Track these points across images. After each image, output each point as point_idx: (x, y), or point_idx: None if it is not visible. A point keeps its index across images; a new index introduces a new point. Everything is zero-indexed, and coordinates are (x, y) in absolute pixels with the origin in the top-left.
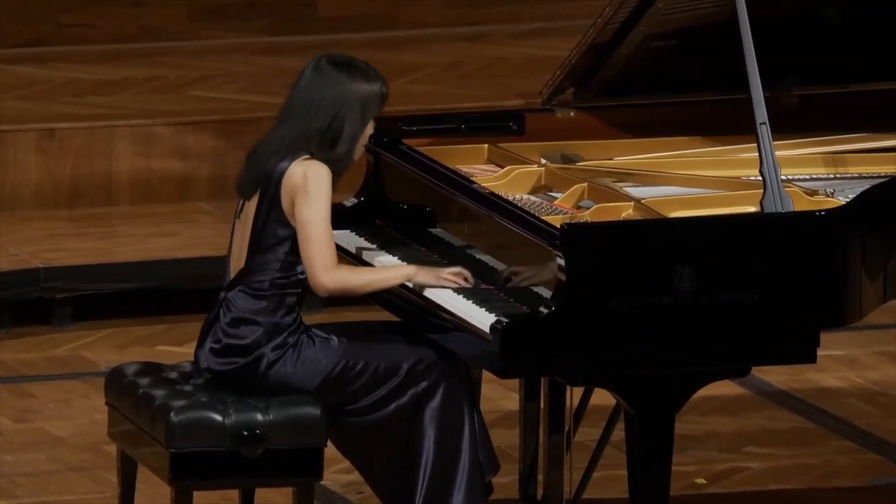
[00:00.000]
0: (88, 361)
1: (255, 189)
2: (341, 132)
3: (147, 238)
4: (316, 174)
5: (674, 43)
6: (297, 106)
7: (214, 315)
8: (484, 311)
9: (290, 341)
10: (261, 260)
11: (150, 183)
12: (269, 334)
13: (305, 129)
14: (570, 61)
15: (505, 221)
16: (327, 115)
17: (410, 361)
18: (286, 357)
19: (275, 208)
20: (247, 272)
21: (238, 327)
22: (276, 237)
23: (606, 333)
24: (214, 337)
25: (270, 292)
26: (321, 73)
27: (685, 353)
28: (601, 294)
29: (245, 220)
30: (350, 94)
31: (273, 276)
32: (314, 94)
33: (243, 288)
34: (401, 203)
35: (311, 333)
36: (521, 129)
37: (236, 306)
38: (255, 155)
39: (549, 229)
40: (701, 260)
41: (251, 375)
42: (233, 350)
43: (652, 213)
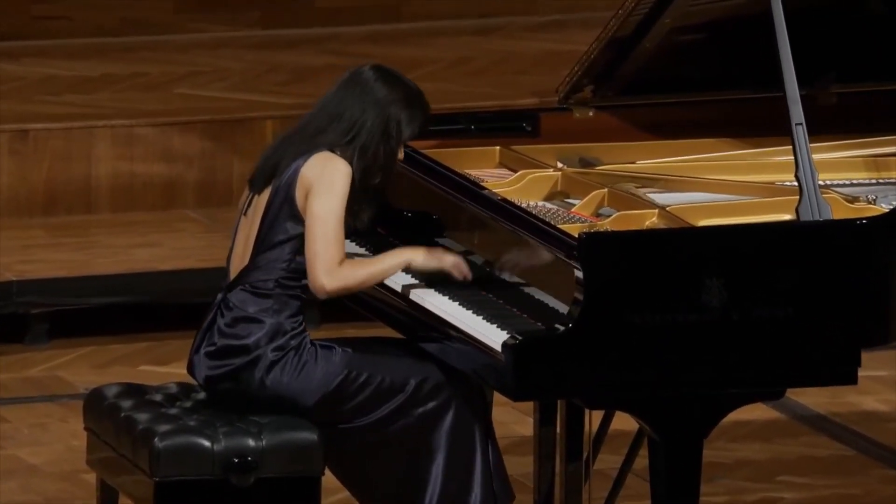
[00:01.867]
0: (65, 382)
1: (267, 182)
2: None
3: (129, 249)
4: (335, 169)
5: (702, 36)
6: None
7: (211, 318)
8: (495, 327)
9: (293, 344)
10: (267, 258)
11: (132, 189)
12: (271, 334)
13: (325, 127)
14: (589, 56)
15: (518, 231)
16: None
17: (418, 378)
18: (286, 360)
19: (287, 202)
20: (251, 270)
21: (237, 326)
22: (286, 234)
23: (628, 352)
24: (209, 340)
25: (275, 292)
26: (359, 75)
27: (714, 373)
28: (622, 309)
29: (253, 216)
30: (375, 103)
31: (279, 275)
32: (342, 94)
33: (245, 287)
34: (404, 210)
35: (314, 342)
36: (535, 130)
37: (237, 305)
38: (271, 149)
39: (566, 239)
40: (731, 272)
41: (247, 379)
42: (230, 350)
43: (678, 222)
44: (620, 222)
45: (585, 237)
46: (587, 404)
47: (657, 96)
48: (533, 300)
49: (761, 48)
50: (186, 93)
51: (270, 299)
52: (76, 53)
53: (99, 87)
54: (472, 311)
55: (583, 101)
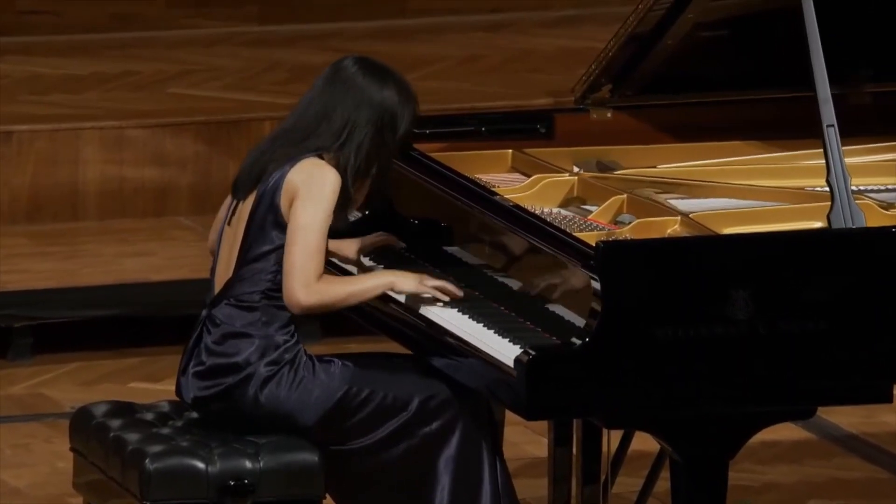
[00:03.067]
0: (50, 400)
1: (251, 189)
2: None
3: (118, 258)
4: (323, 177)
5: (727, 32)
6: (309, 103)
7: (196, 336)
8: (507, 341)
9: (287, 358)
10: (252, 269)
11: (122, 194)
12: (262, 350)
13: (313, 130)
14: (607, 53)
15: (532, 239)
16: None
17: (423, 396)
18: (281, 376)
19: (272, 210)
20: (235, 283)
21: (225, 343)
22: (272, 243)
23: (649, 368)
24: (198, 360)
25: (262, 304)
26: (345, 70)
27: (740, 390)
28: (643, 322)
29: (237, 225)
30: (368, 100)
31: (266, 286)
32: (328, 91)
33: (230, 301)
34: (411, 218)
35: (312, 355)
36: (549, 132)
37: (223, 321)
38: (256, 153)
39: (583, 248)
40: (758, 283)
41: (240, 398)
42: (220, 369)
43: (702, 230)
44: (640, 230)
45: (603, 246)
46: (605, 423)
47: (679, 96)
48: (547, 313)
49: (790, 44)
50: (180, 92)
51: (258, 312)
52: (63, 50)
53: (87, 87)
54: (483, 324)
55: (600, 101)
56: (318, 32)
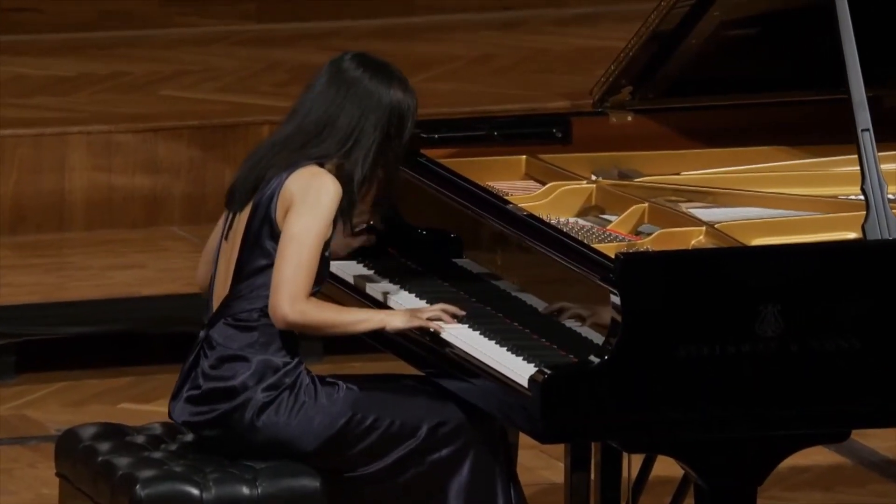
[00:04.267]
0: (35, 423)
1: (246, 200)
2: (360, 146)
3: (107, 271)
4: (322, 187)
5: (755, 31)
6: (309, 107)
7: (193, 359)
8: (521, 360)
9: (286, 382)
10: (249, 285)
11: (111, 203)
12: (259, 373)
13: (315, 137)
14: (627, 53)
15: (547, 251)
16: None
17: (432, 421)
18: (280, 401)
19: (268, 223)
20: (232, 300)
21: (222, 366)
22: (269, 257)
23: (672, 388)
24: (193, 383)
25: (261, 323)
26: (345, 69)
27: (769, 412)
28: (665, 339)
29: (233, 239)
30: (376, 103)
31: (263, 303)
32: (331, 94)
33: (228, 320)
34: (419, 228)
35: (314, 378)
36: (566, 137)
37: (220, 342)
38: (252, 160)
39: (602, 260)
40: (789, 298)
41: (235, 424)
42: (215, 394)
43: (728, 241)
44: (663, 241)
45: (623, 258)
46: (625, 447)
47: (704, 98)
48: (564, 329)
49: (823, 43)
50: (173, 94)
51: (255, 332)
52: (49, 50)
53: (74, 88)
54: (496, 341)
55: (620, 104)
56: (319, 31)
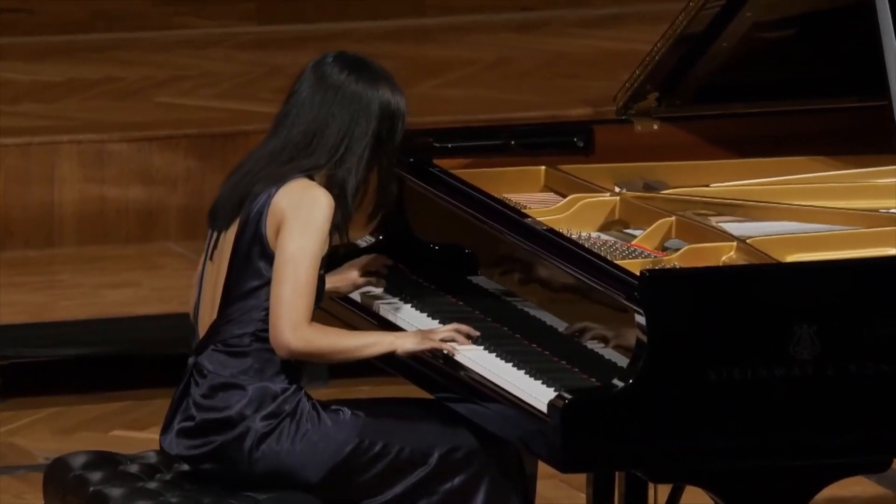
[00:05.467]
0: (22, 451)
1: (231, 218)
2: (352, 152)
3: (99, 290)
4: (314, 201)
5: (789, 34)
6: (294, 117)
7: (183, 388)
8: (540, 383)
9: (286, 409)
10: (240, 308)
11: (103, 217)
12: (257, 401)
13: (304, 148)
14: (653, 57)
15: (567, 268)
16: (332, 130)
17: (444, 448)
18: (281, 430)
19: (258, 241)
20: (222, 325)
21: (215, 396)
22: (260, 277)
23: (700, 414)
24: (185, 414)
25: (253, 348)
26: (328, 73)
27: (805, 440)
28: (694, 362)
29: (219, 260)
30: (365, 106)
31: (256, 327)
32: (316, 101)
33: (217, 346)
34: (431, 243)
35: (316, 403)
36: (588, 147)
37: (211, 370)
38: (237, 175)
39: (626, 277)
40: (826, 318)
41: (234, 456)
42: (210, 426)
43: (760, 257)
44: (691, 257)
45: (649, 275)
46: (651, 477)
47: (735, 105)
48: (585, 351)
49: (862, 46)
50: (169, 101)
51: (249, 358)
52: (37, 53)
53: (64, 94)
54: (513, 363)
55: (646, 112)
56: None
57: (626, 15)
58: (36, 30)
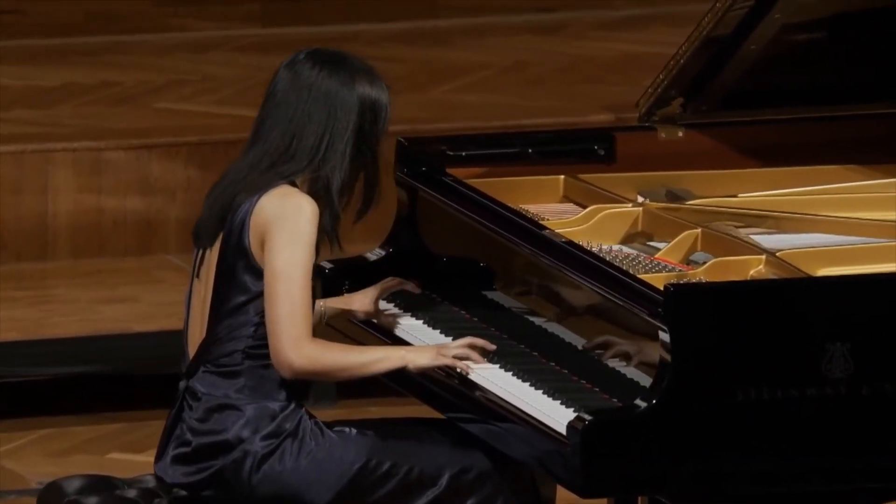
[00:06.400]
0: (14, 475)
1: (215, 234)
2: (334, 151)
3: (95, 305)
4: (297, 209)
5: (821, 36)
6: (271, 121)
7: (175, 413)
8: (559, 403)
9: (286, 428)
10: (228, 326)
11: (99, 229)
12: (255, 422)
13: (283, 153)
14: (678, 61)
15: (588, 282)
16: (310, 130)
17: (455, 468)
18: (283, 450)
19: (242, 254)
20: (211, 344)
21: (211, 418)
22: (247, 292)
23: (728, 436)
24: (180, 440)
25: (245, 366)
26: (301, 72)
27: (838, 463)
28: (721, 381)
29: (206, 277)
30: (343, 101)
31: (246, 344)
32: (291, 102)
33: (208, 367)
34: (444, 256)
35: (318, 421)
36: (610, 155)
37: (204, 392)
38: (218, 189)
39: (649, 292)
40: (859, 335)
41: (234, 481)
42: (207, 451)
43: (790, 271)
44: (718, 271)
45: (673, 290)
46: (674, 502)
47: (764, 111)
48: (606, 370)
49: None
50: (168, 107)
51: (242, 377)
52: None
53: (58, 100)
54: (530, 383)
55: (670, 118)
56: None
57: (649, 16)
58: (28, 32)
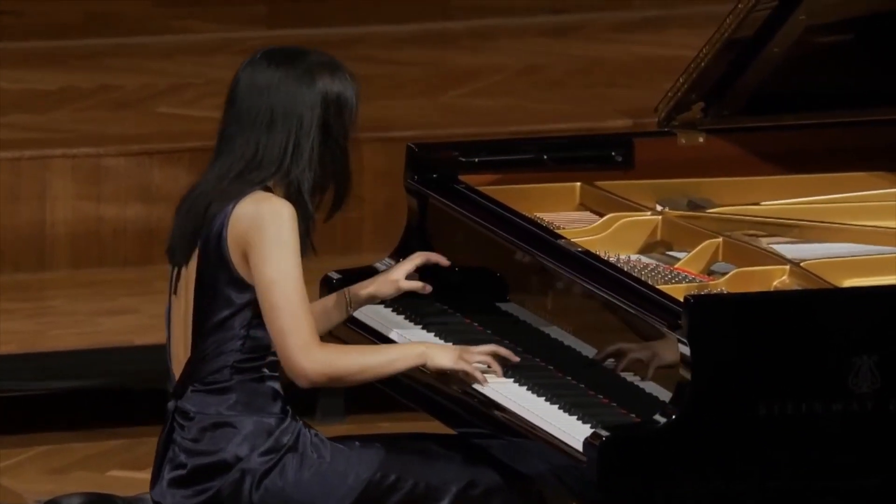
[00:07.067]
0: (11, 493)
1: (191, 249)
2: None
3: (94, 317)
4: (273, 213)
5: (848, 38)
6: (234, 129)
7: (166, 435)
8: (575, 419)
9: (285, 442)
10: (214, 342)
11: (99, 238)
12: (252, 438)
13: (250, 160)
14: (698, 64)
15: (605, 293)
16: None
17: (462, 483)
18: (284, 465)
19: (223, 267)
20: (197, 363)
21: (205, 438)
22: (231, 305)
23: (750, 453)
24: (174, 462)
25: (235, 381)
26: (259, 74)
27: (865, 482)
28: (742, 396)
29: (184, 294)
30: (304, 99)
31: (234, 359)
32: (252, 107)
33: (196, 386)
34: (456, 266)
35: (319, 433)
36: (628, 161)
37: (196, 411)
38: (187, 203)
39: (669, 304)
40: (887, 348)
41: (234, 501)
42: (204, 472)
43: (815, 282)
44: (740, 282)
45: (694, 302)
46: None
47: (788, 116)
48: (624, 384)
49: None
50: (170, 112)
51: (232, 392)
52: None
53: (56, 104)
54: (546, 398)
55: (690, 123)
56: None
57: (669, 18)
58: (25, 34)
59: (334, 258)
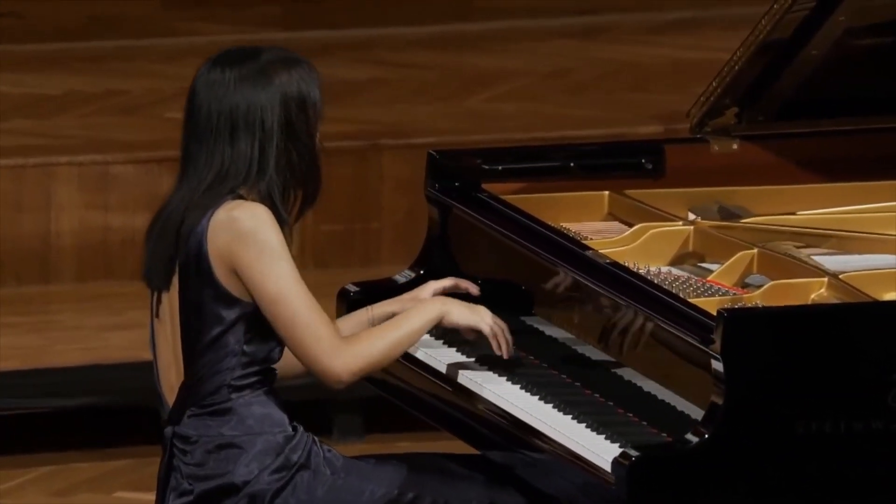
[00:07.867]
0: None
1: (169, 270)
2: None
3: (101, 332)
4: (254, 221)
5: (889, 40)
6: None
7: (167, 462)
8: (603, 438)
9: (296, 460)
10: (207, 361)
11: (106, 249)
12: (259, 457)
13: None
14: (732, 68)
15: (634, 306)
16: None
17: (484, 501)
18: (296, 483)
19: (208, 284)
20: (192, 385)
21: (209, 463)
22: (222, 322)
23: (786, 473)
24: (179, 490)
25: (234, 402)
26: (212, 81)
27: None
28: (778, 414)
29: (168, 317)
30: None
31: (231, 376)
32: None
33: (194, 410)
34: (479, 279)
35: (331, 448)
36: (658, 169)
37: (197, 435)
38: (158, 224)
39: (701, 318)
40: None
41: None
42: (212, 497)
43: (855, 295)
44: (775, 295)
45: (727, 315)
46: None
47: (825, 122)
48: (655, 402)
49: None
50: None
51: (233, 414)
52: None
53: (60, 110)
54: (573, 416)
55: (724, 129)
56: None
57: (702, 20)
58: (27, 36)
59: (352, 270)
